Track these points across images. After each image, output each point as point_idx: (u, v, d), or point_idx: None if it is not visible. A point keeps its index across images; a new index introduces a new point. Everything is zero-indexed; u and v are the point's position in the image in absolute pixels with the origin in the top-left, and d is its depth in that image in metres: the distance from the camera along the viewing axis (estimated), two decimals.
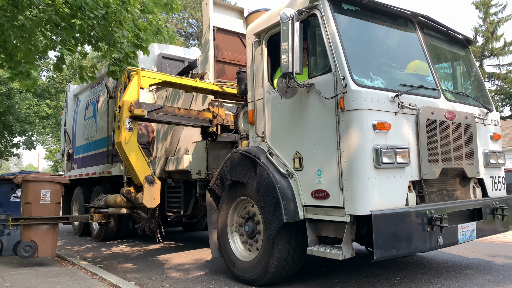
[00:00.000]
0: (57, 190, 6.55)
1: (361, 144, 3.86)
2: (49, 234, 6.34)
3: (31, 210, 6.22)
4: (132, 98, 5.67)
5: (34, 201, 6.26)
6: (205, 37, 6.90)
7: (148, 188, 5.71)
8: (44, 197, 6.29)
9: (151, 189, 5.73)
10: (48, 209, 6.34)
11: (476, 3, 39.85)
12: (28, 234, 6.17)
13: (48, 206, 6.34)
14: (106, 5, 6.05)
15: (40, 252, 6.22)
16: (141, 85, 5.79)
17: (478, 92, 5.70)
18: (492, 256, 6.46)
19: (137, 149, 5.75)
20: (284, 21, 4.03)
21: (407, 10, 4.81)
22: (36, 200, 6.26)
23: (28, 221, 6.17)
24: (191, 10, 30.73)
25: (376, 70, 4.53)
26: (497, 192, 5.24)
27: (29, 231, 6.18)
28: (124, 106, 5.57)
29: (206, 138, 6.45)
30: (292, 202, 4.38)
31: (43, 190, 6.30)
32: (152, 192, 5.74)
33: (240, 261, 5.10)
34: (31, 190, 6.27)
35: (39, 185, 6.31)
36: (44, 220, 6.27)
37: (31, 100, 23.81)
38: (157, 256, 7.39)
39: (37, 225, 6.22)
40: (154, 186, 5.76)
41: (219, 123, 6.26)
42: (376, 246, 3.68)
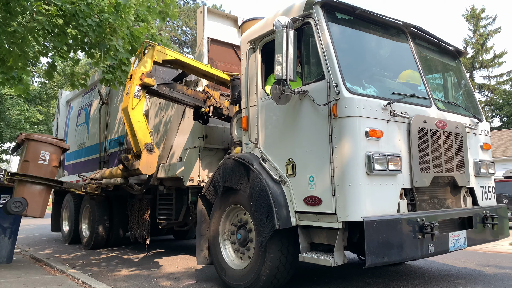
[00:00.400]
0: (56, 154, 6.56)
1: (353, 150, 3.89)
2: (41, 195, 6.30)
3: (28, 168, 6.21)
4: (144, 68, 5.80)
5: (33, 160, 6.26)
6: (199, 49, 6.93)
7: (146, 155, 5.72)
8: (42, 158, 6.32)
9: (149, 156, 5.75)
10: (44, 170, 6.34)
11: (466, 16, 40.60)
12: (20, 191, 6.13)
13: (45, 167, 6.35)
14: (101, 12, 6.05)
15: (29, 210, 6.14)
16: (155, 59, 5.91)
17: (469, 102, 5.78)
18: (483, 266, 6.50)
19: (142, 117, 5.83)
20: (279, 28, 4.07)
21: (400, 20, 4.88)
22: (35, 159, 6.27)
23: (23, 178, 6.15)
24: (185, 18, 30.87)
25: (369, 78, 4.58)
26: (487, 201, 5.29)
27: (22, 188, 6.15)
28: (135, 75, 5.73)
29: (197, 119, 6.42)
30: (285, 208, 4.38)
31: (43, 151, 6.34)
32: (149, 159, 5.74)
33: (231, 270, 5.06)
34: (31, 149, 6.29)
35: (40, 146, 6.34)
36: (39, 180, 6.24)
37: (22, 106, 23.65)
38: (147, 264, 7.32)
39: (31, 183, 6.19)
40: (152, 155, 5.78)
41: (213, 104, 6.22)
42: (368, 252, 3.68)
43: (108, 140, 9.06)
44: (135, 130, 5.76)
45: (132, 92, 5.70)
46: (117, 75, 6.77)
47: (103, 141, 9.25)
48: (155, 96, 6.38)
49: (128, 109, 5.71)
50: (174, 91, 6.15)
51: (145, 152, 5.72)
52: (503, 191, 14.19)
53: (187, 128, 6.96)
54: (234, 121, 5.89)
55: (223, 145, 6.63)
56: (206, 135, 6.54)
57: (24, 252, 8.91)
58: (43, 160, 6.34)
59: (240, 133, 5.59)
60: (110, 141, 8.98)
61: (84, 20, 5.83)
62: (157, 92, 6.08)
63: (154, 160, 5.82)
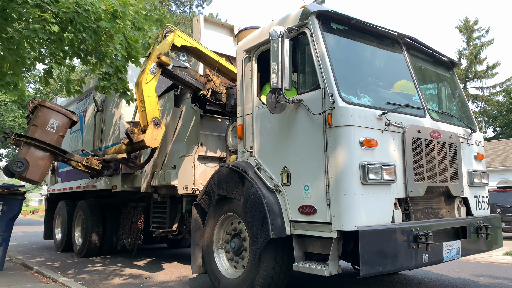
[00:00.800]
0: (65, 124, 6.74)
1: (348, 160, 3.90)
2: (43, 161, 6.42)
3: (35, 133, 6.38)
4: (163, 49, 6.05)
5: (41, 126, 6.44)
6: None
7: (152, 128, 5.84)
8: (51, 125, 6.50)
9: (155, 130, 5.86)
10: (50, 137, 6.50)
11: (460, 27, 41.11)
12: (24, 154, 6.25)
13: (51, 134, 6.53)
14: (98, 19, 6.05)
15: (30, 173, 6.23)
16: (174, 42, 6.15)
17: (462, 113, 5.83)
18: (477, 276, 6.50)
19: (153, 92, 5.98)
20: (274, 38, 4.10)
21: (394, 31, 4.93)
22: (43, 125, 6.44)
23: (29, 140, 6.30)
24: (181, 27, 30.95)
25: (364, 88, 4.60)
26: (481, 211, 5.31)
27: (26, 151, 6.29)
28: (154, 52, 5.98)
29: (194, 102, 6.48)
30: (279, 217, 4.37)
31: (53, 119, 6.53)
32: (155, 133, 5.85)
33: (225, 279, 5.03)
34: (42, 115, 6.48)
35: (51, 113, 6.54)
36: (44, 145, 6.37)
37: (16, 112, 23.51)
38: (140, 273, 7.25)
39: (36, 147, 6.31)
40: (158, 129, 5.90)
41: (212, 88, 6.29)
42: (363, 262, 3.67)
43: (103, 147, 9.01)
44: (145, 104, 5.89)
45: (148, 68, 5.92)
46: (113, 83, 6.76)
47: (97, 148, 9.19)
48: (168, 77, 6.50)
49: (142, 83, 5.88)
50: (187, 75, 6.33)
51: (152, 125, 5.85)
52: (497, 201, 14.25)
53: (182, 136, 6.96)
54: (229, 129, 5.89)
55: (218, 153, 6.62)
56: (201, 143, 6.53)
57: (16, 260, 8.80)
58: (51, 127, 6.52)
59: (235, 141, 5.59)
60: (104, 148, 8.94)
61: (81, 26, 5.83)
62: (171, 73, 6.24)
63: (159, 134, 5.94)
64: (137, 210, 8.58)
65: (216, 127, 6.72)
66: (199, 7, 33.40)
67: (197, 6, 33.36)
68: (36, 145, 6.36)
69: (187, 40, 6.29)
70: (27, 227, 22.18)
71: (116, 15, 6.15)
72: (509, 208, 14.09)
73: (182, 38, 6.24)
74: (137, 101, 6.08)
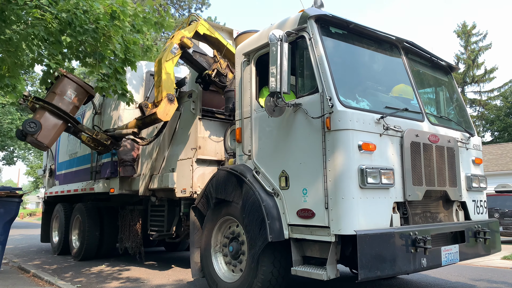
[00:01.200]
0: (82, 96, 6.89)
1: (346, 164, 3.90)
2: (55, 127, 6.55)
3: (53, 99, 6.55)
4: (186, 33, 6.43)
5: (59, 94, 6.60)
6: None
7: (166, 103, 6.05)
8: (68, 95, 6.66)
9: (168, 105, 6.07)
10: (66, 106, 6.65)
11: (457, 32, 41.31)
12: (39, 116, 6.42)
13: (67, 103, 6.67)
14: (96, 20, 6.05)
15: (41, 135, 6.34)
16: (198, 30, 6.54)
17: (461, 117, 5.84)
18: (475, 280, 6.49)
19: (172, 71, 6.25)
20: (273, 41, 4.10)
21: (393, 35, 4.95)
22: (62, 93, 6.61)
23: (46, 105, 6.47)
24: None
25: (362, 92, 4.61)
26: (479, 215, 5.31)
27: (41, 114, 6.45)
28: (177, 35, 6.37)
29: (198, 81, 6.64)
30: (278, 221, 4.36)
31: (71, 89, 6.69)
32: (167, 108, 6.06)
33: (223, 282, 5.01)
34: (62, 84, 6.66)
35: (71, 84, 6.72)
36: (59, 111, 6.52)
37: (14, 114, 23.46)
38: (138, 276, 7.21)
39: (51, 112, 6.47)
40: (171, 105, 6.11)
41: (217, 68, 6.43)
42: (361, 266, 3.66)
43: None
44: (162, 80, 6.11)
45: (170, 48, 6.23)
46: (111, 84, 6.74)
47: (95, 152, 9.17)
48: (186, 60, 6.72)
49: (162, 60, 6.17)
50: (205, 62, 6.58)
51: (166, 100, 6.05)
52: (495, 205, 14.27)
53: (180, 139, 6.94)
54: (227, 132, 5.89)
55: (216, 156, 6.61)
56: (200, 146, 6.52)
57: (12, 263, 8.76)
58: (68, 97, 6.67)
59: (233, 144, 5.59)
60: None
61: (80, 27, 5.83)
62: (190, 57, 6.48)
63: (172, 110, 6.14)
64: (134, 213, 8.55)
65: (214, 130, 6.71)
66: (197, 10, 33.45)
67: (195, 9, 33.41)
68: (52, 110, 6.52)
69: (209, 30, 6.66)
70: (24, 230, 22.09)
71: (114, 15, 6.15)
72: (507, 212, 14.11)
73: (205, 27, 6.63)
74: (155, 77, 6.35)
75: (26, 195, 9.92)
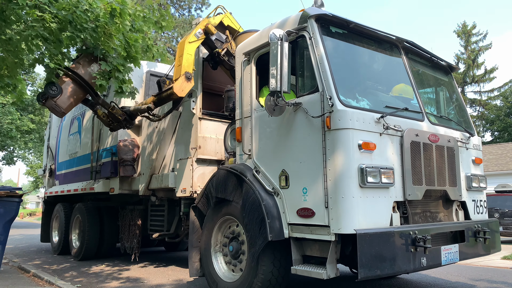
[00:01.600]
0: None
1: (346, 163, 3.90)
2: (76, 93, 6.68)
3: (77, 68, 6.67)
4: (212, 21, 6.72)
5: (83, 65, 6.73)
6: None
7: (183, 79, 6.25)
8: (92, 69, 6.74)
9: (184, 83, 6.26)
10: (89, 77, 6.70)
11: (457, 32, 41.32)
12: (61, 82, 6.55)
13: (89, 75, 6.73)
14: (96, 18, 6.04)
15: (60, 100, 6.47)
16: (223, 20, 6.87)
17: (460, 117, 5.84)
18: (475, 280, 6.49)
19: (193, 52, 6.50)
20: (274, 41, 4.11)
21: (393, 35, 4.95)
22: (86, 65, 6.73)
23: (70, 72, 6.61)
24: (180, 30, 30.99)
25: (362, 92, 4.62)
26: (479, 215, 5.31)
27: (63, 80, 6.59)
28: (203, 21, 6.66)
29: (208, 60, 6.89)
30: (278, 220, 4.36)
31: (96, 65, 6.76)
32: (184, 85, 6.26)
33: (223, 282, 5.01)
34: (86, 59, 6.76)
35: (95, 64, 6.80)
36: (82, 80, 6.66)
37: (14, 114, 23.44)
38: (138, 276, 7.21)
39: (73, 80, 6.60)
40: (188, 83, 6.29)
41: (228, 48, 6.65)
42: (361, 265, 3.67)
43: (101, 150, 8.99)
44: (182, 60, 6.31)
45: (194, 31, 6.51)
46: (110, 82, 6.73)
47: (95, 151, 9.17)
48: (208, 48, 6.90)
49: (186, 42, 6.42)
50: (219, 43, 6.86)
51: (183, 78, 6.23)
52: (495, 205, 14.27)
53: (180, 138, 6.95)
54: (228, 132, 5.89)
55: (216, 156, 6.62)
56: (200, 146, 6.52)
57: (12, 263, 8.76)
58: (92, 70, 6.77)
59: (233, 144, 5.59)
60: (102, 151, 8.92)
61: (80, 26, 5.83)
62: (212, 44, 6.74)
63: (188, 87, 6.30)
64: (134, 213, 8.55)
65: (214, 130, 6.72)
66: (197, 10, 33.47)
67: (195, 9, 33.44)
68: (74, 78, 6.62)
69: (233, 23, 6.99)
70: (24, 230, 22.09)
71: (114, 13, 6.15)
72: (507, 212, 14.11)
73: (230, 20, 6.99)
74: (176, 57, 6.54)
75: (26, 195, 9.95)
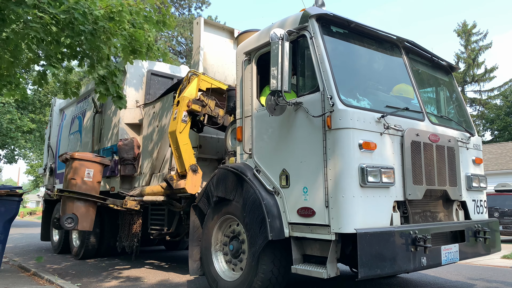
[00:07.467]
0: (99, 170, 7.05)
1: (347, 162, 3.90)
2: (88, 210, 6.76)
3: (75, 186, 6.69)
4: (191, 96, 6.23)
5: (79, 177, 6.74)
6: (196, 54, 6.96)
7: (191, 175, 6.05)
8: (87, 175, 6.82)
9: (194, 177, 6.07)
10: (90, 187, 6.81)
11: (458, 31, 41.31)
12: (70, 208, 6.59)
13: (90, 183, 6.84)
14: (95, 21, 6.03)
15: (80, 226, 6.64)
16: (200, 86, 6.41)
17: (461, 116, 5.85)
18: (475, 280, 6.51)
19: (188, 140, 6.21)
20: (274, 40, 4.11)
21: (393, 35, 4.95)
22: (81, 177, 6.75)
23: (72, 194, 6.60)
24: (180, 29, 30.97)
25: (363, 91, 4.62)
26: (479, 215, 5.32)
27: (71, 205, 6.62)
28: (183, 101, 6.17)
29: (192, 127, 6.54)
30: (278, 219, 4.37)
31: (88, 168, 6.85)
32: (194, 179, 6.06)
33: (223, 281, 5.02)
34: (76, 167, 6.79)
35: (84, 164, 6.83)
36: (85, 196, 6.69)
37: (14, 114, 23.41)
38: (138, 275, 7.23)
39: (79, 199, 6.62)
40: (197, 175, 6.09)
41: (208, 113, 6.38)
42: (361, 264, 3.67)
43: (101, 149, 9.00)
44: (181, 152, 6.09)
45: (179, 117, 6.13)
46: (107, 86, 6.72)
47: (96, 150, 9.18)
48: None
49: (176, 133, 6.09)
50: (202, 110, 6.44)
51: (191, 173, 6.02)
52: (495, 204, 14.28)
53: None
54: (228, 131, 5.89)
55: (217, 155, 6.62)
56: (200, 145, 6.53)
57: (12, 262, 8.76)
58: (88, 177, 6.83)
59: (234, 143, 5.59)
60: (103, 150, 8.93)
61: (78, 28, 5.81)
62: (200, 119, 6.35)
63: (198, 180, 6.10)
64: (135, 212, 8.55)
65: (215, 129, 6.72)
66: (197, 9, 33.46)
67: (195, 8, 33.43)
68: (79, 198, 6.71)
69: (211, 83, 6.53)
70: (24, 229, 22.10)
71: (112, 16, 6.14)
72: (506, 212, 14.13)
73: (206, 81, 6.49)
74: (172, 148, 6.28)
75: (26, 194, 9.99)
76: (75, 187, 6.68)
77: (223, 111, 6.39)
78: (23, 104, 24.94)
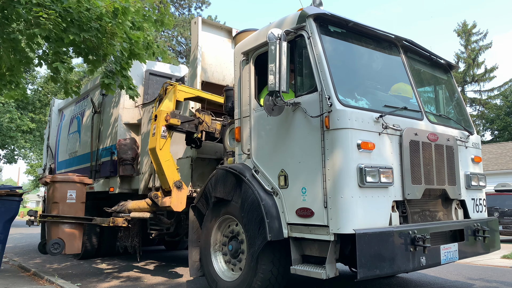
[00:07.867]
0: (82, 191, 6.89)
1: (345, 163, 3.90)
2: (74, 232, 6.61)
3: (58, 209, 6.50)
4: (168, 109, 5.99)
5: (61, 200, 6.56)
6: (194, 54, 6.95)
7: (176, 192, 5.90)
8: (70, 197, 6.64)
9: (179, 193, 5.93)
10: (74, 209, 6.64)
11: (458, 31, 41.26)
12: (55, 232, 6.43)
13: (74, 205, 6.66)
14: (99, 18, 6.03)
15: (67, 249, 6.49)
16: (177, 98, 6.13)
17: (460, 115, 5.83)
18: (474, 279, 6.50)
19: (169, 156, 6.03)
20: (272, 40, 4.10)
21: (392, 34, 4.94)
22: (63, 199, 6.57)
23: (55, 219, 6.44)
24: (180, 29, 30.95)
25: (361, 91, 4.61)
26: (479, 214, 5.31)
27: (56, 229, 6.46)
28: (160, 116, 5.91)
29: (190, 144, 6.44)
30: (277, 220, 4.36)
31: (69, 190, 6.66)
32: (179, 196, 5.92)
33: (222, 281, 5.01)
34: (57, 190, 6.59)
35: (65, 185, 6.65)
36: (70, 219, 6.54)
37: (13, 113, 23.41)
38: (138, 275, 7.22)
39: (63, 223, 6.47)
40: (181, 192, 5.96)
41: (204, 129, 6.28)
42: (360, 265, 3.67)
43: (100, 149, 8.99)
44: (163, 169, 5.93)
45: (158, 133, 5.90)
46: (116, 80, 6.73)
47: (95, 150, 9.18)
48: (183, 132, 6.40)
49: (156, 150, 5.89)
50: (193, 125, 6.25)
51: (175, 190, 5.90)
52: (494, 204, 14.27)
53: (179, 138, 6.94)
54: (227, 131, 5.88)
55: (215, 155, 6.62)
56: None
57: (12, 262, 8.77)
58: (71, 199, 6.66)
59: (232, 143, 5.59)
60: (102, 150, 8.92)
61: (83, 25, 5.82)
62: (182, 131, 6.21)
63: (184, 197, 5.99)
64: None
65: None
66: (197, 9, 33.43)
67: (195, 8, 33.40)
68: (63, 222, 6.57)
69: (188, 92, 6.28)
70: (24, 229, 22.09)
71: (116, 13, 6.14)
72: (506, 211, 14.12)
73: (183, 91, 6.21)
74: (154, 165, 6.13)
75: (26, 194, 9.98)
76: (59, 211, 6.51)
77: (220, 125, 6.35)
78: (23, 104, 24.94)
